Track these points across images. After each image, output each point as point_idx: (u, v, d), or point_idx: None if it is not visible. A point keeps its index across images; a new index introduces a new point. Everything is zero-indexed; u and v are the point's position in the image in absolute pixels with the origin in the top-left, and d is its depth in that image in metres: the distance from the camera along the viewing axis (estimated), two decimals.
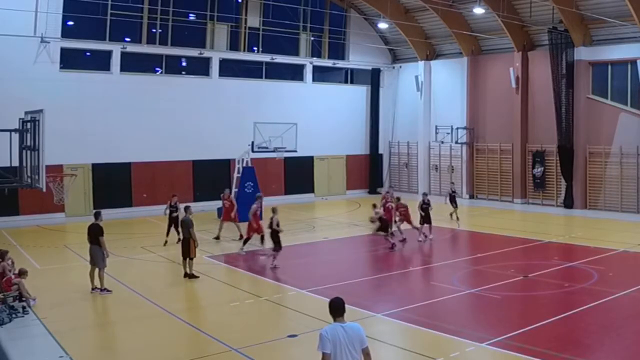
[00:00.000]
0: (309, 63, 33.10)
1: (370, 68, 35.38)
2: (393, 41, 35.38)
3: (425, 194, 21.65)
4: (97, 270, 14.04)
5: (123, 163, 27.03)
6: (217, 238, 20.69)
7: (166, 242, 19.62)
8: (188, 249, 15.43)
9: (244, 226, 19.71)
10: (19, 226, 23.28)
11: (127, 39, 27.61)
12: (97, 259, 13.98)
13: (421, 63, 34.03)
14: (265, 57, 31.47)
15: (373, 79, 35.55)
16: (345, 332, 6.43)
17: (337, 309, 6.58)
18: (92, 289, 14.00)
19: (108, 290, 13.98)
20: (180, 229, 16.14)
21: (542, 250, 18.82)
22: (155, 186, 27.78)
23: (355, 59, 34.83)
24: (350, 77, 35.66)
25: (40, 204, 22.93)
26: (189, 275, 15.41)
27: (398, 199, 21.33)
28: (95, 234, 14.04)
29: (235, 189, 25.53)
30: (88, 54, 27.12)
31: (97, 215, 14.45)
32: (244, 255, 18.43)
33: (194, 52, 29.31)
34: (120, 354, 10.64)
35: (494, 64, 31.08)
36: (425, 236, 20.50)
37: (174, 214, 19.53)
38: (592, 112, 26.96)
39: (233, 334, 11.20)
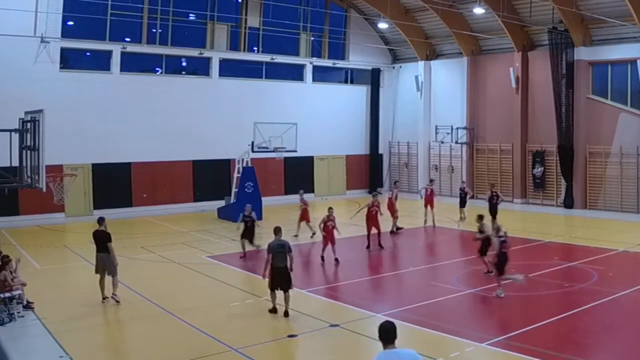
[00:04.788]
0: (309, 63, 33.10)
1: (370, 68, 35.37)
2: (393, 41, 35.38)
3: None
4: (108, 278, 13.27)
5: (123, 163, 27.02)
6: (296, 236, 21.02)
7: None
8: None
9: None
10: (19, 226, 23.27)
11: (127, 39, 27.61)
12: (111, 266, 13.26)
13: (421, 63, 34.03)
14: (265, 57, 31.46)
15: (373, 79, 35.54)
16: None
17: (387, 334, 5.71)
18: (104, 299, 13.22)
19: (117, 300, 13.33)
20: None
21: (542, 250, 18.82)
22: (155, 186, 27.80)
23: (355, 59, 34.82)
24: (350, 77, 35.66)
25: (40, 204, 22.90)
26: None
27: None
28: (103, 241, 13.33)
29: (235, 189, 25.54)
30: (88, 54, 27.13)
31: (101, 222, 13.54)
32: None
33: (194, 52, 29.31)
34: (120, 354, 10.64)
35: (494, 64, 31.07)
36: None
37: None
38: (592, 112, 26.95)
39: (233, 334, 11.19)
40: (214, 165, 29.20)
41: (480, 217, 15.47)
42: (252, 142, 25.31)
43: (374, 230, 19.23)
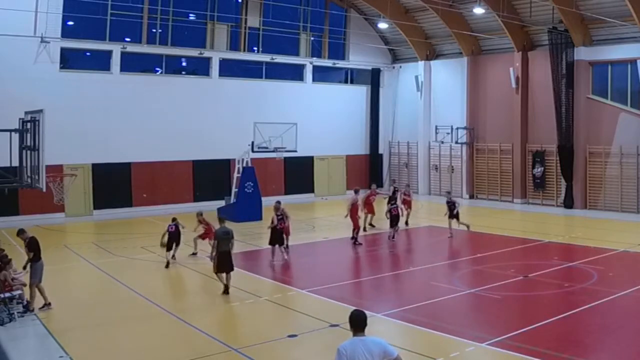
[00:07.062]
0: (309, 63, 33.10)
1: (370, 68, 35.38)
2: (393, 41, 35.39)
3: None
4: (33, 286, 12.71)
5: (123, 163, 27.02)
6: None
7: None
8: None
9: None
10: (19, 226, 23.12)
11: (127, 39, 27.62)
12: (42, 272, 12.87)
13: (421, 63, 34.03)
14: (265, 57, 31.48)
15: (373, 79, 35.55)
16: (367, 348, 5.84)
17: (357, 322, 6.01)
18: (49, 304, 12.74)
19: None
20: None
21: (542, 250, 18.81)
22: (155, 186, 27.81)
23: (355, 59, 34.83)
24: (350, 77, 35.67)
25: (40, 204, 22.89)
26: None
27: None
28: (39, 248, 13.00)
29: (235, 189, 25.53)
30: (88, 54, 27.14)
31: (24, 231, 13.29)
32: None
33: (194, 52, 29.32)
34: (120, 355, 10.63)
35: (494, 64, 31.07)
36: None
37: None
38: (592, 112, 26.96)
39: (233, 334, 11.20)
40: (214, 165, 29.20)
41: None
42: (252, 142, 25.29)
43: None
